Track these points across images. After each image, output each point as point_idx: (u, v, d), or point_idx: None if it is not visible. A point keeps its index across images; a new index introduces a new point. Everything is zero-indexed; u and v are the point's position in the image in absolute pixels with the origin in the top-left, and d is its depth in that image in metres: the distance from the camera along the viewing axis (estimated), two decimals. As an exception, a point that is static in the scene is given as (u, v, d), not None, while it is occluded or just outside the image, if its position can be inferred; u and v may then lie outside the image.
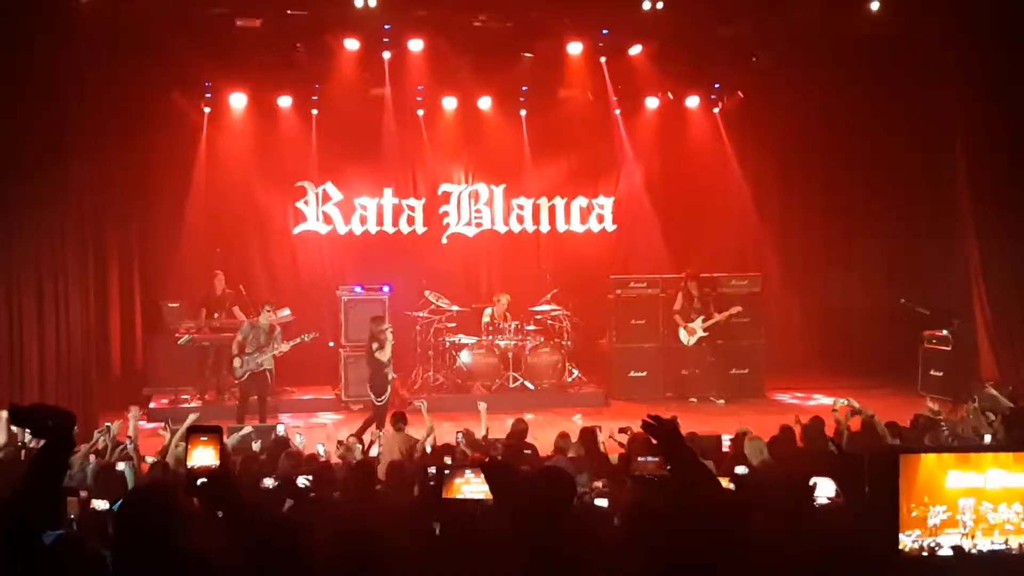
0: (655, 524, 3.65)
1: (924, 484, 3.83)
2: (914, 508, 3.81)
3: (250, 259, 15.84)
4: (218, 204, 15.56)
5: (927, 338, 15.09)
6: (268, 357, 12.71)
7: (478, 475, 6.09)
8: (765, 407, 14.31)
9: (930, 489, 3.83)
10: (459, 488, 6.04)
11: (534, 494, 3.98)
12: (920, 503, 3.82)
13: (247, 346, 12.74)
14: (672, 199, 16.98)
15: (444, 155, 16.62)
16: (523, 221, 16.97)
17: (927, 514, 3.82)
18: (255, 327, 12.81)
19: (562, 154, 16.85)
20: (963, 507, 3.84)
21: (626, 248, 17.05)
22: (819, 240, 17.20)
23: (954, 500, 3.85)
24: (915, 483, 3.82)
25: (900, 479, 3.79)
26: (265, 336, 12.74)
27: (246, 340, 12.77)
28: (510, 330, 15.00)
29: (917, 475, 3.83)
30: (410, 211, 16.62)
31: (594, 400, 14.77)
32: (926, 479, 3.84)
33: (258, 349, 12.68)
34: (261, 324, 12.79)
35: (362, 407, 14.34)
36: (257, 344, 12.70)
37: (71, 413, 3.48)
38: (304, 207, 16.31)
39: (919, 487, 3.82)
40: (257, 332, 12.75)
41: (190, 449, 3.77)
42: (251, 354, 12.68)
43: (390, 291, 14.86)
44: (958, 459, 3.89)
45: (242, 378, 12.80)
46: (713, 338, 14.96)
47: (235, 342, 12.89)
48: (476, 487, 5.96)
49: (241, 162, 15.74)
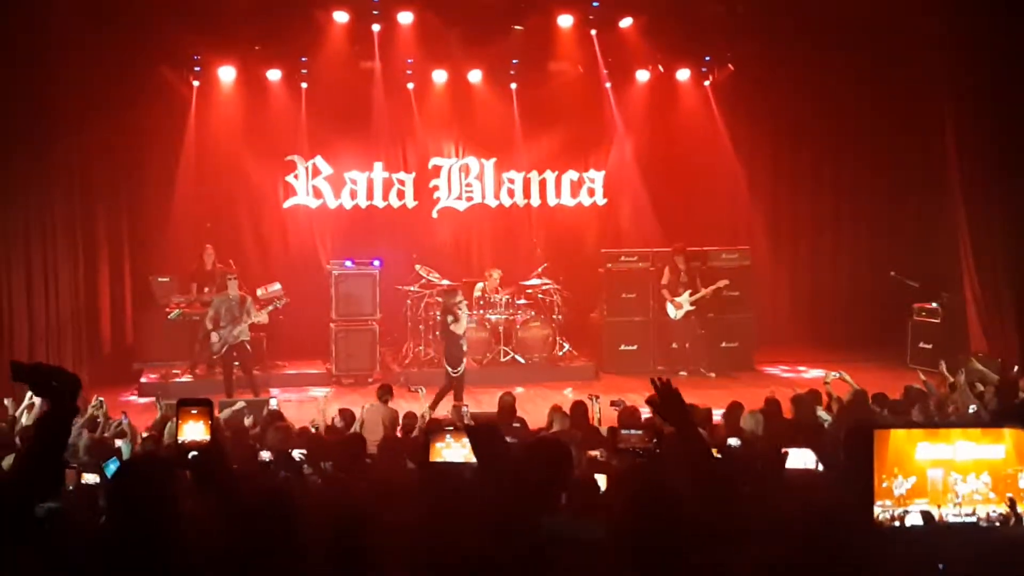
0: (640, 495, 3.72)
1: (894, 456, 3.94)
2: (884, 479, 3.92)
3: (240, 233, 15.88)
4: (208, 178, 15.57)
5: (916, 311, 15.21)
6: (244, 328, 12.78)
7: (458, 439, 6.11)
8: (755, 380, 14.40)
9: (900, 461, 3.94)
10: (440, 452, 6.06)
11: (529, 465, 3.99)
12: (890, 474, 3.93)
13: (220, 319, 12.80)
14: (663, 173, 17.02)
15: (434, 129, 16.64)
16: (514, 195, 17.01)
17: (893, 484, 3.94)
18: (226, 300, 12.86)
19: (553, 128, 16.85)
20: (932, 478, 3.95)
21: (617, 222, 17.13)
22: (809, 213, 17.28)
23: (923, 471, 3.97)
24: (886, 455, 3.93)
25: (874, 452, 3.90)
26: (237, 307, 12.80)
27: (219, 314, 12.83)
28: (501, 304, 15.08)
29: (888, 447, 3.94)
30: (400, 185, 16.65)
31: (585, 374, 14.87)
32: (896, 451, 3.94)
33: (232, 321, 12.75)
34: (230, 296, 12.85)
35: (353, 381, 14.48)
36: (231, 316, 12.77)
37: (76, 376, 3.43)
38: (294, 181, 16.33)
39: (890, 459, 3.93)
40: (230, 304, 12.80)
41: (180, 423, 3.77)
42: (226, 327, 12.75)
43: (380, 265, 14.92)
44: (928, 431, 4.01)
45: (220, 352, 12.89)
46: (703, 312, 15.06)
47: (208, 317, 12.97)
48: (457, 451, 5.97)
49: (230, 136, 15.73)
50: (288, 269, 15.49)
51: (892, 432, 3.98)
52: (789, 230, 17.26)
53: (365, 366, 14.72)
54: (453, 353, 12.37)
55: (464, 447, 5.81)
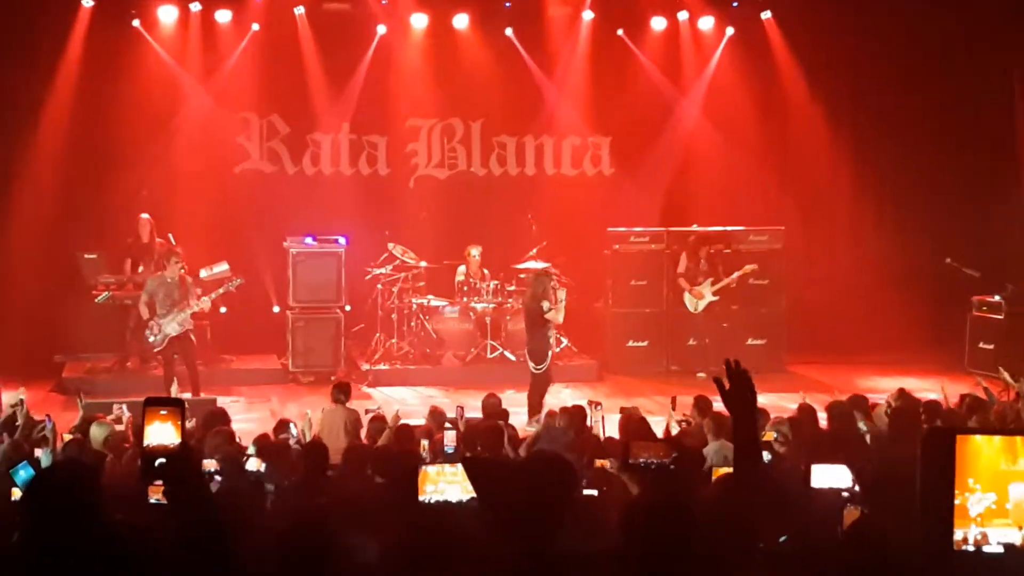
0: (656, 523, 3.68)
1: (971, 467, 3.89)
2: (958, 495, 3.87)
3: (181, 203, 15.72)
4: (144, 138, 15.45)
5: (976, 305, 15.23)
6: (186, 315, 12.68)
7: (454, 465, 6.18)
8: (785, 383, 14.38)
9: (977, 472, 3.89)
10: (435, 479, 6.12)
11: (527, 486, 3.98)
12: (964, 489, 3.88)
13: (159, 306, 12.67)
14: (680, 139, 17.00)
15: (412, 83, 16.54)
16: (505, 162, 16.97)
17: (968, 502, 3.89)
18: (163, 282, 12.76)
19: (552, 84, 16.78)
20: (1014, 495, 3.89)
21: (625, 195, 17.06)
22: (849, 190, 17.26)
23: (1004, 486, 3.91)
24: (963, 465, 3.88)
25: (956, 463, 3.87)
26: (178, 290, 12.69)
27: (154, 299, 12.71)
28: (488, 291, 15.04)
29: (965, 456, 3.89)
30: (371, 149, 16.60)
31: (587, 373, 14.86)
32: (972, 460, 3.90)
33: (172, 307, 12.63)
34: (168, 277, 12.74)
35: (313, 379, 14.41)
36: (172, 301, 12.65)
37: None
38: (246, 143, 16.26)
39: (965, 470, 3.88)
40: (169, 288, 12.70)
41: (146, 425, 3.77)
42: (166, 315, 12.63)
43: (347, 243, 14.89)
44: (1010, 439, 3.95)
45: (161, 345, 12.76)
46: (726, 303, 15.04)
47: (141, 303, 12.83)
48: (451, 480, 6.05)
49: (171, 88, 15.65)
50: (237, 246, 15.37)
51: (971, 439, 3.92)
52: (827, 208, 17.22)
53: (327, 362, 14.69)
54: (539, 346, 12.36)
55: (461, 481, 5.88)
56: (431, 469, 6.33)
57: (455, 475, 6.19)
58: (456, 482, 6.16)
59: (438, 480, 6.25)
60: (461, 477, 6.06)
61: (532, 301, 12.39)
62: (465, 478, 5.82)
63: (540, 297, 12.27)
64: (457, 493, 6.12)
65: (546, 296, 12.25)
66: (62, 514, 3.67)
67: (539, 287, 12.36)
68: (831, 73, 16.70)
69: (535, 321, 12.34)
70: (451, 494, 6.16)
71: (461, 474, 6.05)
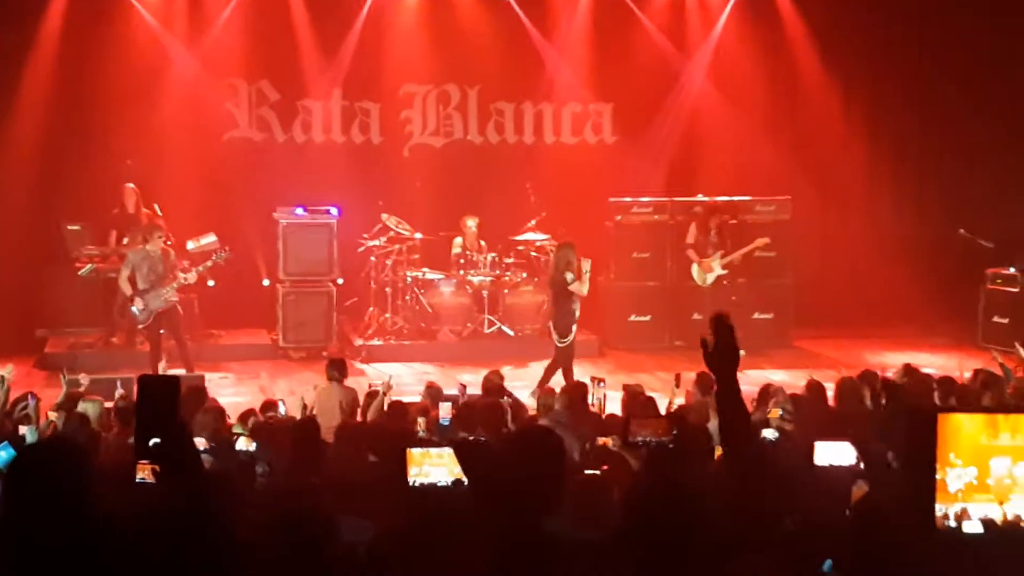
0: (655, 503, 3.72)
1: (952, 442, 3.96)
2: (938, 470, 3.95)
3: (167, 172, 15.72)
4: (129, 105, 15.42)
5: (990, 277, 15.28)
6: (171, 289, 12.69)
7: (439, 448, 6.26)
8: (792, 358, 14.46)
9: (958, 447, 3.96)
10: (420, 468, 6.15)
11: (512, 463, 4.00)
12: (945, 464, 3.96)
13: (142, 281, 12.68)
14: (685, 106, 16.99)
15: (406, 47, 16.51)
16: (503, 130, 16.96)
17: (948, 477, 3.97)
18: (147, 256, 12.75)
19: (552, 48, 16.75)
20: (996, 470, 3.96)
21: (628, 165, 17.05)
22: (860, 158, 17.28)
23: (985, 461, 3.97)
24: (945, 442, 3.96)
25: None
26: (161, 264, 12.70)
27: (137, 274, 12.72)
28: (485, 263, 15.06)
29: (947, 432, 3.96)
30: (364, 116, 16.59)
31: (587, 349, 14.82)
32: (954, 436, 3.97)
33: (157, 282, 12.63)
34: (151, 251, 12.74)
35: (304, 355, 14.44)
36: (155, 275, 12.65)
37: None
38: (234, 109, 16.25)
39: (947, 446, 3.96)
40: (152, 262, 12.71)
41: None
42: (149, 290, 12.64)
43: (339, 214, 14.90)
44: (991, 416, 4.02)
45: (147, 321, 12.77)
46: (732, 276, 15.04)
47: (122, 278, 12.82)
48: (436, 463, 6.11)
49: (156, 53, 15.61)
50: (226, 217, 15.37)
51: (953, 417, 4.03)
52: (837, 178, 17.22)
53: (319, 337, 14.73)
54: (564, 319, 12.42)
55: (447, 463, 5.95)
56: (416, 451, 6.38)
57: (440, 457, 6.25)
58: (442, 464, 6.22)
59: (423, 462, 6.30)
60: (448, 460, 6.12)
61: (556, 273, 12.47)
62: (452, 461, 5.87)
63: (564, 268, 12.34)
64: (443, 475, 6.18)
65: (570, 267, 12.31)
66: (46, 495, 3.67)
67: (563, 258, 12.42)
68: (843, 37, 16.68)
69: (559, 293, 12.43)
70: (436, 476, 6.22)
71: (448, 456, 6.11)
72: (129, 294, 12.81)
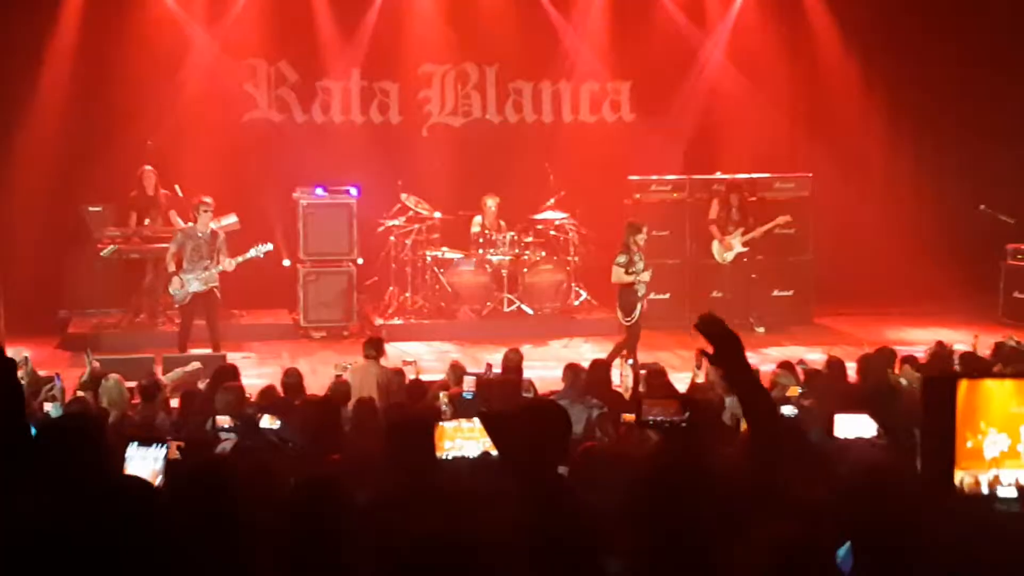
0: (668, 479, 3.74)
1: (983, 409, 3.93)
2: (969, 438, 3.92)
3: (187, 153, 15.75)
4: (149, 86, 15.46)
5: (1011, 252, 15.22)
6: (214, 273, 12.67)
7: (471, 420, 6.27)
8: (813, 335, 14.42)
9: (989, 414, 3.93)
10: (452, 435, 6.19)
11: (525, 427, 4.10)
12: (977, 431, 3.93)
13: (185, 260, 12.67)
14: (704, 82, 16.94)
15: (425, 27, 16.49)
16: (521, 109, 16.93)
17: (982, 444, 3.94)
18: (193, 236, 12.75)
19: (570, 26, 16.70)
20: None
21: (647, 143, 16.99)
22: (880, 135, 17.17)
23: (1016, 428, 3.94)
24: (975, 409, 3.92)
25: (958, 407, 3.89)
26: (207, 246, 12.68)
27: (182, 251, 12.71)
28: (504, 242, 15.04)
29: (977, 401, 3.93)
30: (383, 96, 16.57)
31: (607, 327, 14.82)
32: (985, 403, 3.93)
33: (200, 263, 12.62)
34: (199, 231, 12.74)
35: (325, 334, 14.48)
36: (199, 256, 12.65)
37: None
38: (253, 90, 16.25)
39: (977, 413, 3.93)
40: (197, 242, 12.70)
41: None
42: (193, 271, 12.62)
43: (358, 194, 14.91)
44: (1020, 383, 3.99)
45: (183, 301, 12.78)
46: (752, 253, 15.00)
47: (169, 255, 12.81)
48: (469, 436, 6.13)
49: (176, 35, 15.64)
50: (246, 198, 15.39)
51: (983, 383, 3.97)
52: (857, 154, 17.13)
53: (339, 317, 14.76)
54: (627, 298, 12.51)
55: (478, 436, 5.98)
56: (448, 425, 6.43)
57: (472, 431, 6.27)
58: (473, 438, 6.24)
59: (455, 436, 6.33)
60: (479, 432, 6.14)
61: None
62: (482, 433, 5.89)
63: (622, 249, 12.42)
64: (475, 448, 6.20)
65: (627, 250, 12.37)
66: (66, 466, 3.70)
67: (625, 239, 12.49)
68: (862, 13, 16.55)
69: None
70: (469, 450, 6.25)
71: (479, 429, 6.13)
72: (171, 271, 12.80)
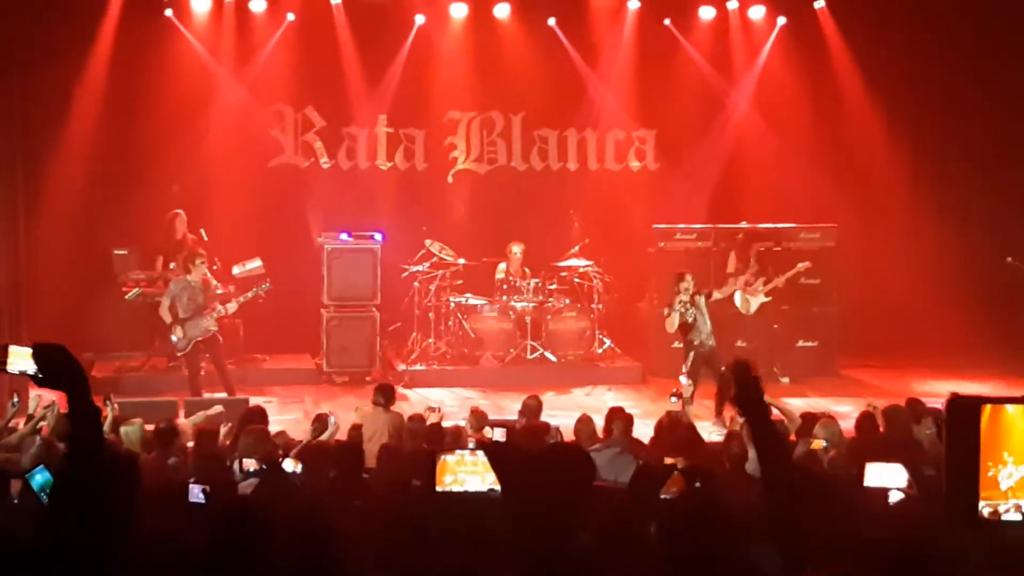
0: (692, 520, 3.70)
1: (1005, 439, 3.88)
2: (991, 467, 3.87)
3: (214, 197, 15.82)
4: (176, 131, 15.52)
5: (1039, 307, 15.05)
6: (211, 319, 12.71)
7: (475, 454, 6.18)
8: (838, 386, 14.30)
9: (1011, 445, 3.88)
10: (453, 475, 6.10)
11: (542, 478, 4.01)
12: (998, 460, 3.87)
13: (182, 310, 12.68)
14: (728, 132, 16.92)
15: (451, 75, 16.55)
16: (546, 157, 16.94)
17: (999, 475, 3.90)
18: (188, 286, 12.75)
19: (596, 76, 16.75)
20: None
21: (671, 191, 16.99)
22: (906, 187, 17.11)
23: None
24: (995, 437, 3.87)
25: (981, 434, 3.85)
26: (203, 295, 12.71)
27: (177, 303, 12.72)
28: (528, 289, 15.02)
29: (999, 428, 3.88)
30: (408, 143, 16.61)
31: (630, 376, 14.82)
32: (1007, 433, 3.88)
33: (197, 312, 12.64)
34: (192, 281, 12.75)
35: (347, 379, 14.44)
36: (195, 305, 12.66)
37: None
38: (280, 136, 16.31)
39: (998, 441, 3.87)
40: (193, 292, 12.72)
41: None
42: (189, 319, 12.64)
43: (383, 239, 14.89)
44: None
45: (186, 349, 12.77)
46: (776, 303, 14.92)
47: (164, 308, 12.79)
48: (472, 470, 6.04)
49: (204, 80, 15.72)
50: (271, 242, 15.44)
51: (1004, 410, 3.92)
52: (882, 206, 17.06)
53: (362, 362, 14.71)
54: (686, 349, 12.52)
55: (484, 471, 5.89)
56: (451, 458, 6.31)
57: (475, 464, 6.17)
58: (476, 472, 6.15)
59: (457, 470, 6.23)
60: (482, 467, 6.05)
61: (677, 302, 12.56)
62: (486, 468, 5.81)
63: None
64: (476, 483, 6.11)
65: (669, 302, 12.45)
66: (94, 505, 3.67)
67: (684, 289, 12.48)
68: (888, 65, 16.54)
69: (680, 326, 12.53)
70: (471, 484, 6.15)
71: (482, 464, 6.05)
72: (168, 322, 12.83)
